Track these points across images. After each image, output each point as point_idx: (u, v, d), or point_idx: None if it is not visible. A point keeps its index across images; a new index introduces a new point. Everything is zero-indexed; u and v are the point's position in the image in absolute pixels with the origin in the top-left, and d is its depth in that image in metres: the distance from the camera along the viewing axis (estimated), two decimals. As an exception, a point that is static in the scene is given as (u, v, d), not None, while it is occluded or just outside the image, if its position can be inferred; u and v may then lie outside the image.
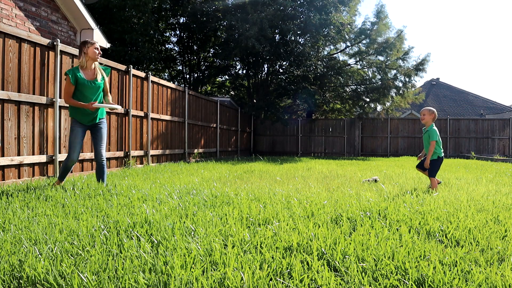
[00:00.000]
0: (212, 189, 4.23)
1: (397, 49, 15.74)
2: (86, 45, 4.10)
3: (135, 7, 12.84)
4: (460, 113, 27.88)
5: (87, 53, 4.10)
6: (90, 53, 4.10)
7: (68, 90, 4.05)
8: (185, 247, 2.09)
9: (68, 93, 4.05)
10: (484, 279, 1.70)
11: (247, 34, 13.35)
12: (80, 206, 3.14)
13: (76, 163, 5.95)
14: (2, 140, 4.63)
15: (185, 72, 19.27)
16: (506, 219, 2.84)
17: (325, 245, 2.13)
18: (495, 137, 16.89)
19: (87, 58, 4.12)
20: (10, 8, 6.71)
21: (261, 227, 2.53)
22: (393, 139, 17.29)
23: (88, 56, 4.11)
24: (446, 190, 4.53)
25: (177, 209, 3.05)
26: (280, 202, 3.41)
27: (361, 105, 17.06)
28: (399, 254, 1.98)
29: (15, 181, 4.72)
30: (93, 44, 4.12)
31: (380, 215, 2.92)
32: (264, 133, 17.84)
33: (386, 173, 6.91)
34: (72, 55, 5.80)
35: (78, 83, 4.06)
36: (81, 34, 8.32)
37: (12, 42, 4.74)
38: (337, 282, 1.70)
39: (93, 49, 4.11)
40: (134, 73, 7.54)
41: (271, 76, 17.54)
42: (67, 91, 4.06)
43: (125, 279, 1.66)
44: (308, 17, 15.09)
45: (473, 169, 8.29)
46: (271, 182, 5.32)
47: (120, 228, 2.46)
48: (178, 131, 9.76)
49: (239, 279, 1.68)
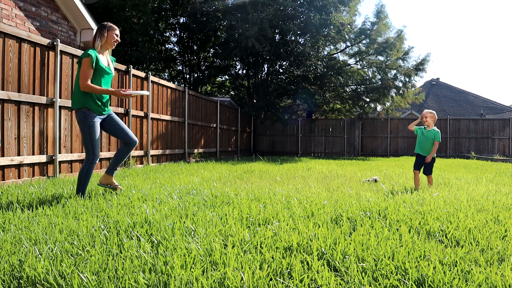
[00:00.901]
0: (212, 189, 4.23)
1: (397, 49, 15.74)
2: (105, 28, 3.64)
3: (135, 7, 12.85)
4: (460, 113, 27.88)
5: (104, 37, 3.63)
6: (108, 37, 3.65)
7: (86, 74, 3.48)
8: (185, 247, 2.09)
9: (86, 77, 3.48)
10: (484, 279, 1.70)
11: (247, 34, 13.35)
12: (80, 206, 3.14)
13: (77, 163, 5.95)
14: (2, 140, 4.62)
15: (185, 72, 19.28)
16: (506, 219, 2.84)
17: (325, 245, 2.13)
18: (495, 137, 16.88)
19: (103, 41, 3.64)
20: (10, 8, 6.71)
21: (261, 227, 2.53)
22: (393, 139, 17.29)
23: (105, 40, 3.65)
24: (446, 190, 4.53)
25: (177, 209, 3.05)
26: (280, 202, 3.41)
27: (361, 105, 17.06)
28: (399, 254, 1.98)
29: (15, 181, 4.72)
30: (113, 29, 3.69)
31: (380, 215, 2.92)
32: (264, 133, 17.84)
33: (386, 173, 6.91)
34: (72, 55, 5.80)
35: (96, 68, 3.56)
36: (81, 34, 8.32)
37: (12, 42, 4.74)
38: (337, 282, 1.70)
39: (112, 33, 3.67)
40: (134, 73, 7.54)
41: (271, 76, 17.54)
42: (86, 75, 3.48)
43: (125, 279, 1.66)
44: (308, 17, 15.10)
45: (473, 169, 8.29)
46: (271, 182, 5.32)
47: (120, 228, 2.46)
48: (178, 131, 9.76)
49: (239, 279, 1.68)
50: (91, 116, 3.56)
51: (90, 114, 3.56)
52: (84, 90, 3.51)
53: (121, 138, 3.80)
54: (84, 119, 3.55)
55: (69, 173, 5.75)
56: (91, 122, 3.56)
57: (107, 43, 3.68)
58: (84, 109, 3.55)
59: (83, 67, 3.50)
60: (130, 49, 13.54)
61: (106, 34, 3.64)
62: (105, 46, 3.69)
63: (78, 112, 3.57)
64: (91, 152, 3.60)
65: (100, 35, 3.63)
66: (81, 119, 3.55)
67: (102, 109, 3.68)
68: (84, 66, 3.49)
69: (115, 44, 3.73)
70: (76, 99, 3.57)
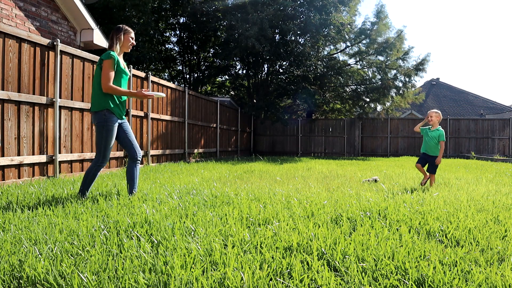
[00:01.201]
0: (212, 189, 4.23)
1: (397, 49, 15.74)
2: (121, 32, 3.61)
3: (135, 7, 12.84)
4: (460, 113, 27.89)
5: (121, 40, 3.62)
6: (125, 40, 3.65)
7: (109, 76, 3.45)
8: (185, 247, 2.09)
9: (109, 78, 3.44)
10: (484, 279, 1.70)
11: (247, 34, 13.35)
12: (80, 206, 3.14)
13: (77, 163, 5.95)
14: (2, 140, 4.62)
15: (185, 72, 19.28)
16: (506, 219, 2.84)
17: (325, 245, 2.13)
18: (495, 137, 16.89)
19: (120, 44, 3.62)
20: (10, 8, 6.71)
21: (261, 227, 2.53)
22: (393, 139, 17.29)
23: (122, 43, 3.63)
24: (446, 190, 4.53)
25: (177, 209, 3.05)
26: (280, 202, 3.41)
27: (361, 105, 17.07)
28: (399, 254, 1.98)
29: (15, 181, 4.72)
30: (129, 32, 3.68)
31: (380, 215, 2.92)
32: (264, 133, 17.84)
33: (386, 173, 6.91)
34: (72, 55, 5.80)
35: (117, 70, 3.55)
36: (81, 34, 8.32)
37: (12, 42, 4.74)
38: (337, 282, 1.70)
39: (128, 37, 3.66)
40: (134, 73, 7.53)
41: (271, 76, 17.55)
42: (109, 77, 3.44)
43: (125, 279, 1.66)
44: (308, 17, 15.10)
45: (473, 169, 8.29)
46: (271, 182, 5.32)
47: (120, 228, 2.46)
48: (178, 131, 9.76)
49: (239, 279, 1.68)
50: (112, 120, 3.52)
51: (111, 118, 3.51)
52: (107, 91, 3.47)
53: (127, 148, 3.75)
54: (104, 122, 3.49)
55: (69, 173, 5.75)
56: (110, 126, 3.51)
57: (123, 46, 3.67)
58: (105, 111, 3.50)
59: (106, 68, 3.45)
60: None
61: (123, 37, 3.63)
62: (122, 49, 3.68)
63: (98, 114, 3.50)
64: (102, 154, 3.55)
65: (117, 38, 3.60)
66: (101, 122, 3.50)
67: (122, 112, 3.65)
68: (106, 68, 3.45)
69: (130, 47, 3.73)
70: (96, 101, 3.51)
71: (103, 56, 3.48)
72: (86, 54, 6.08)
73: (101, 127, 3.50)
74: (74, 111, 5.86)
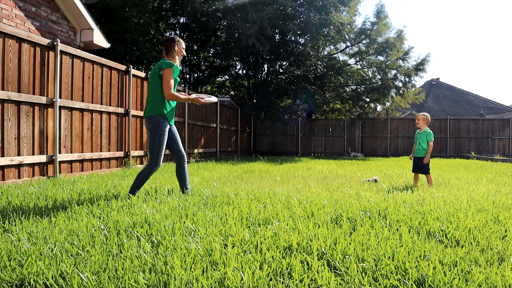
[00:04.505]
0: (212, 189, 4.23)
1: (397, 49, 15.74)
2: (175, 43, 3.80)
3: (135, 7, 12.84)
4: (460, 113, 27.88)
5: (175, 51, 3.79)
6: (178, 51, 3.83)
7: (171, 83, 3.64)
8: (185, 247, 2.09)
9: (171, 86, 3.63)
10: (484, 279, 1.70)
11: (247, 33, 13.35)
12: (80, 206, 3.14)
13: (77, 163, 5.96)
14: (2, 140, 4.63)
15: (185, 72, 19.27)
16: (506, 219, 2.84)
17: (325, 245, 2.13)
18: (495, 137, 16.88)
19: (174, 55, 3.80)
20: (10, 8, 6.71)
21: (261, 227, 2.53)
22: (393, 139, 17.28)
23: (176, 53, 3.81)
24: (446, 190, 4.53)
25: (177, 209, 3.05)
26: (280, 202, 3.41)
27: (361, 105, 17.06)
28: (399, 254, 1.98)
29: (15, 181, 4.72)
30: (181, 43, 3.87)
31: (380, 215, 2.92)
32: (264, 133, 17.84)
33: (386, 173, 6.91)
34: (72, 55, 5.80)
35: (175, 78, 3.75)
36: (81, 34, 8.32)
37: (12, 42, 4.74)
38: (337, 282, 1.70)
39: (181, 48, 3.85)
40: (134, 73, 7.53)
41: (271, 76, 17.55)
42: (171, 84, 3.63)
43: (125, 279, 1.66)
44: (308, 17, 15.09)
45: (473, 169, 8.29)
46: (271, 182, 5.32)
47: (120, 228, 2.46)
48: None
49: (239, 279, 1.68)
50: (164, 125, 3.66)
51: (164, 122, 3.65)
52: (169, 99, 3.65)
53: (173, 153, 3.89)
54: (157, 126, 3.63)
55: (69, 173, 5.75)
56: (163, 131, 3.64)
57: (178, 55, 3.84)
58: (159, 116, 3.63)
59: (168, 76, 3.62)
60: (131, 49, 13.54)
61: (178, 48, 3.81)
62: (178, 58, 3.86)
63: (153, 119, 3.64)
64: (155, 158, 3.66)
65: (173, 49, 3.76)
66: (155, 126, 3.63)
67: (172, 117, 3.80)
68: (168, 76, 3.61)
69: (181, 57, 3.90)
70: (152, 107, 3.66)
71: (164, 65, 3.63)
72: (86, 54, 6.09)
73: (154, 132, 3.64)
74: (74, 111, 5.86)
